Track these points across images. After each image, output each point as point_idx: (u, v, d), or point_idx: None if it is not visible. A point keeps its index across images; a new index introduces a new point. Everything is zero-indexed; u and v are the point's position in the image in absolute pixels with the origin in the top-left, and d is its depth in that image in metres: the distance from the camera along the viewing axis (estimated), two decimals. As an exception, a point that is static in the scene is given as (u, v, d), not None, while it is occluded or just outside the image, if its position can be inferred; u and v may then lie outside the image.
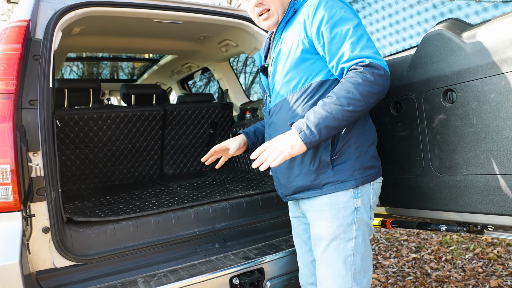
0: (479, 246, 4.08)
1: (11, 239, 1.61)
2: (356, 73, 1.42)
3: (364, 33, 1.49)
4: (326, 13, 1.51)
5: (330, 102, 1.42)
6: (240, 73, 5.19)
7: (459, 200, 1.63)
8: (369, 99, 1.41)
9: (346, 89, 1.41)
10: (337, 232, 1.57)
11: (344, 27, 1.48)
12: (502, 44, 1.41)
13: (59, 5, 2.06)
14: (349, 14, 1.52)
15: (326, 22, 1.50)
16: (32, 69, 1.83)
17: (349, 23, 1.48)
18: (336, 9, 1.51)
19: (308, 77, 1.57)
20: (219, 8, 2.78)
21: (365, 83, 1.39)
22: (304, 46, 1.57)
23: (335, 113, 1.40)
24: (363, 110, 1.43)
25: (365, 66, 1.41)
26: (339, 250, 1.57)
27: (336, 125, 1.42)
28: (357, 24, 1.50)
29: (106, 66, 5.57)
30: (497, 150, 1.46)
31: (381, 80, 1.42)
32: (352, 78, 1.41)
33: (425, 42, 1.69)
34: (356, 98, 1.40)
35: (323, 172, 1.57)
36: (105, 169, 3.48)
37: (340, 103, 1.40)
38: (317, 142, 1.43)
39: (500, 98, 1.43)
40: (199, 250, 2.19)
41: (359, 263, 1.58)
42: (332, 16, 1.50)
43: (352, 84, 1.40)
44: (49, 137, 1.82)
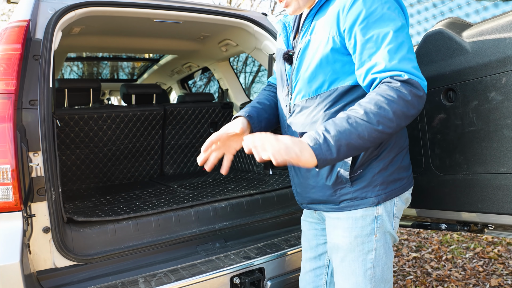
0: (480, 245, 4.08)
1: (12, 239, 1.61)
2: (390, 87, 1.18)
3: (406, 40, 1.24)
4: (364, 8, 1.25)
5: (356, 116, 1.17)
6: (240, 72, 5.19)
7: (459, 199, 1.63)
8: (401, 121, 1.18)
9: (377, 104, 1.16)
10: (355, 244, 1.41)
11: (383, 30, 1.23)
12: (502, 43, 1.41)
13: (59, 5, 2.06)
14: (393, 12, 1.25)
15: (362, 20, 1.25)
16: (32, 69, 1.83)
17: (391, 25, 1.23)
18: (378, 4, 1.25)
19: (335, 80, 1.36)
20: (219, 7, 2.78)
21: (400, 101, 1.16)
22: (334, 45, 1.32)
23: (361, 130, 1.15)
24: (391, 133, 1.20)
25: (402, 81, 1.18)
26: (358, 262, 1.42)
27: (359, 144, 1.17)
28: (400, 27, 1.24)
29: (106, 66, 5.58)
30: (497, 149, 1.46)
31: (418, 102, 1.19)
32: (385, 92, 1.17)
33: (425, 41, 1.69)
34: (388, 117, 1.16)
35: (340, 188, 1.40)
36: (106, 169, 3.48)
37: (368, 119, 1.16)
38: (332, 162, 1.17)
39: (501, 97, 1.43)
40: (200, 250, 2.19)
41: (380, 275, 1.42)
42: (371, 14, 1.24)
43: (385, 99, 1.16)
44: (50, 137, 1.82)
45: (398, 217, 1.47)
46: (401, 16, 1.29)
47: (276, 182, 2.84)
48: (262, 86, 5.02)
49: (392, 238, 1.47)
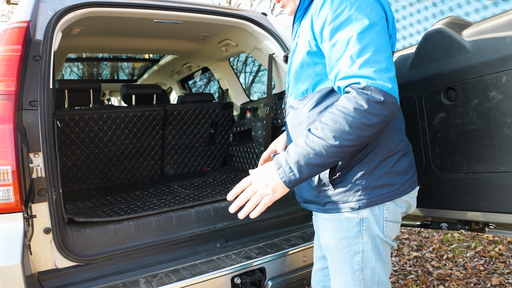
0: (481, 244, 4.08)
1: (13, 240, 1.62)
2: (347, 98, 1.16)
3: (373, 42, 1.17)
4: (330, 10, 1.22)
5: (313, 133, 1.18)
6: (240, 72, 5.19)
7: (460, 198, 1.63)
8: (362, 131, 1.15)
9: (333, 119, 1.16)
10: (341, 245, 1.40)
11: (347, 33, 1.19)
12: (502, 42, 1.41)
13: (59, 6, 2.06)
14: (360, 13, 1.20)
15: (329, 23, 1.23)
16: (32, 70, 1.83)
17: (356, 27, 1.18)
18: (346, 4, 1.21)
19: (318, 83, 1.36)
20: (219, 7, 2.78)
21: (356, 112, 1.13)
22: (310, 48, 1.33)
23: (318, 148, 1.17)
24: (356, 145, 1.17)
25: (360, 89, 1.14)
26: (345, 264, 1.41)
27: (321, 162, 1.18)
28: (367, 28, 1.18)
29: (106, 67, 5.58)
30: (498, 148, 1.46)
31: (379, 108, 1.13)
32: (342, 105, 1.16)
33: (425, 40, 1.69)
34: (345, 131, 1.14)
35: (323, 190, 1.40)
36: (106, 170, 3.49)
37: (324, 136, 1.16)
38: (300, 181, 1.22)
39: (501, 96, 1.42)
40: (201, 250, 2.19)
41: (370, 277, 1.40)
42: (337, 16, 1.21)
43: (341, 112, 1.15)
44: (50, 138, 1.82)
45: (393, 221, 1.40)
46: (373, 13, 1.21)
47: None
48: (262, 86, 5.02)
49: (383, 243, 1.41)
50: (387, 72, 1.17)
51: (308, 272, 2.19)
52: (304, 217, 2.56)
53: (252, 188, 1.26)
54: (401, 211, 1.43)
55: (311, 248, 2.19)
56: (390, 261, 1.49)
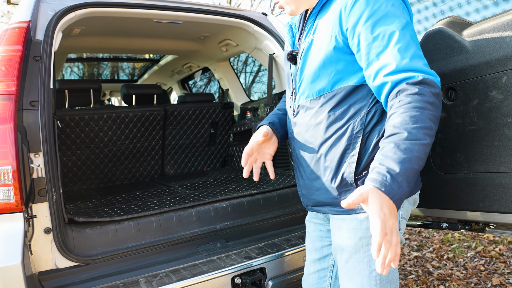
0: (481, 244, 4.08)
1: (13, 240, 1.62)
2: (411, 96, 1.13)
3: (414, 38, 1.20)
4: (368, 6, 1.22)
5: (403, 139, 1.09)
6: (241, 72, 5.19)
7: (460, 198, 1.63)
8: (436, 124, 1.14)
9: (413, 119, 1.10)
10: (360, 245, 1.37)
11: (389, 28, 1.19)
12: (503, 42, 1.41)
13: (59, 6, 2.06)
14: (397, 9, 1.22)
15: (366, 19, 1.22)
16: (32, 70, 1.83)
17: (396, 22, 1.19)
18: (382, 1, 1.22)
19: (338, 81, 1.34)
20: (219, 7, 2.78)
21: (429, 106, 1.11)
22: (337, 44, 1.30)
23: (417, 150, 1.08)
24: (434, 137, 1.13)
25: (418, 84, 1.13)
26: (363, 263, 1.38)
27: (420, 165, 1.10)
28: (406, 24, 1.20)
29: (107, 67, 5.58)
30: (498, 148, 1.46)
31: (439, 99, 1.14)
32: (411, 103, 1.12)
33: (425, 40, 1.69)
34: (428, 126, 1.11)
35: (345, 190, 1.36)
36: (106, 170, 3.49)
37: (416, 138, 1.09)
38: (406, 196, 1.10)
39: (501, 95, 1.42)
40: (201, 250, 2.19)
41: (385, 277, 1.38)
42: (375, 11, 1.21)
43: (416, 111, 1.11)
44: (50, 138, 1.82)
45: (405, 218, 1.42)
46: (405, 12, 1.25)
47: (277, 182, 2.84)
48: (262, 86, 5.03)
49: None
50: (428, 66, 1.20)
51: (309, 272, 2.18)
52: (304, 217, 2.55)
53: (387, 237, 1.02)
54: (411, 209, 1.45)
55: (312, 248, 2.19)
56: None
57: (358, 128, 1.32)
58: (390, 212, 1.04)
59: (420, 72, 1.15)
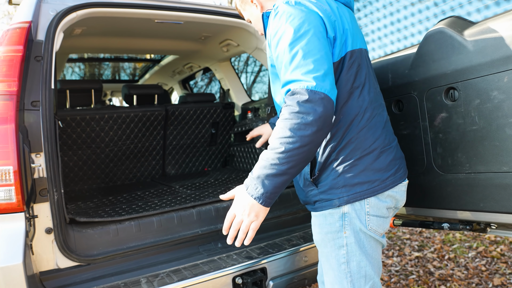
0: (482, 245, 4.07)
1: (15, 240, 1.62)
2: (284, 108, 1.26)
3: (300, 49, 1.28)
4: (272, 31, 1.39)
5: (268, 149, 1.29)
6: (242, 72, 5.19)
7: (461, 198, 1.63)
8: (302, 131, 1.21)
9: (276, 130, 1.26)
10: (326, 239, 1.51)
11: (281, 47, 1.33)
12: (504, 42, 1.41)
13: (61, 6, 2.06)
14: (291, 25, 1.32)
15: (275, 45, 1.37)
16: (34, 70, 1.84)
17: (286, 40, 1.31)
18: (280, 22, 1.35)
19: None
20: (220, 8, 2.78)
21: (291, 116, 1.22)
22: (272, 62, 1.48)
23: (271, 158, 1.24)
24: (304, 145, 1.22)
25: (290, 95, 1.25)
26: (332, 257, 1.52)
27: (278, 170, 1.24)
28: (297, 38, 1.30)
29: (108, 67, 5.59)
30: (499, 148, 1.46)
31: (309, 106, 1.21)
32: (282, 115, 1.26)
33: (426, 40, 1.68)
34: (286, 135, 1.22)
35: (310, 190, 1.51)
36: (107, 170, 3.49)
37: (272, 147, 1.26)
38: (271, 196, 1.28)
39: (502, 95, 1.42)
40: (202, 250, 2.19)
41: (356, 270, 1.48)
42: (275, 35, 1.37)
43: (281, 121, 1.25)
44: (52, 138, 1.82)
45: (377, 215, 1.46)
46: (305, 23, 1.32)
47: (278, 182, 2.84)
48: (263, 86, 5.03)
49: (369, 237, 1.47)
50: (314, 72, 1.25)
51: (310, 272, 2.19)
52: (305, 217, 2.55)
53: (237, 220, 1.35)
54: (385, 206, 1.48)
55: (313, 248, 2.19)
56: (378, 257, 1.54)
57: None
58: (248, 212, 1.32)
59: (294, 82, 1.26)
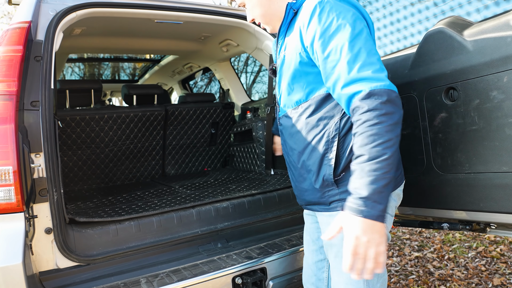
0: (482, 245, 4.07)
1: (14, 240, 1.62)
2: (364, 115, 1.21)
3: (364, 46, 1.27)
4: (320, 24, 1.32)
5: (365, 161, 1.20)
6: (241, 72, 5.19)
7: (461, 198, 1.63)
8: (394, 131, 1.21)
9: (371, 138, 1.20)
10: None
11: (339, 42, 1.28)
12: (503, 42, 1.41)
13: (60, 6, 2.06)
14: (347, 22, 1.30)
15: (320, 36, 1.32)
16: (33, 71, 1.84)
17: (346, 35, 1.28)
18: (333, 16, 1.31)
19: (311, 91, 1.45)
20: (220, 8, 2.78)
21: (381, 119, 1.19)
22: (302, 59, 1.42)
23: (380, 169, 1.18)
24: (398, 146, 1.23)
25: (366, 98, 1.21)
26: None
27: (388, 178, 1.20)
28: (357, 35, 1.28)
29: (107, 67, 5.59)
30: (499, 148, 1.46)
31: (390, 105, 1.21)
32: (366, 122, 1.21)
33: (426, 40, 1.68)
34: (386, 139, 1.19)
35: (327, 190, 1.47)
36: (107, 170, 3.49)
37: (376, 156, 1.19)
38: (384, 209, 1.20)
39: (502, 95, 1.42)
40: (202, 250, 2.19)
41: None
42: (327, 29, 1.31)
43: (372, 128, 1.20)
44: (51, 138, 1.82)
45: (390, 214, 1.50)
46: (358, 21, 1.32)
47: (278, 182, 2.84)
48: (263, 86, 5.03)
49: None
50: (382, 71, 1.25)
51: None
52: (305, 217, 2.55)
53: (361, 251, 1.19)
54: (395, 205, 1.53)
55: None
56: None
57: (333, 133, 1.42)
58: (364, 232, 1.17)
59: (367, 82, 1.22)
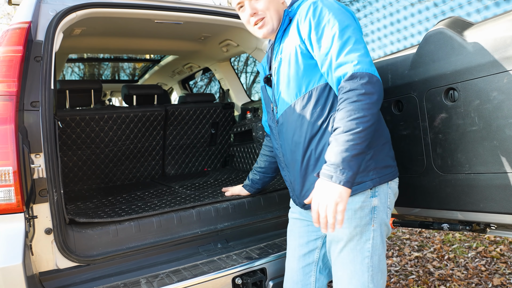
0: (482, 245, 4.08)
1: (14, 240, 1.62)
2: (346, 93, 1.37)
3: (352, 35, 1.44)
4: (314, 18, 1.49)
5: (340, 133, 1.35)
6: (241, 72, 5.19)
7: (461, 198, 1.63)
8: (372, 110, 1.35)
9: (346, 112, 1.35)
10: (354, 233, 1.53)
11: (331, 31, 1.45)
12: (503, 42, 1.41)
13: (60, 7, 2.06)
14: (338, 15, 1.48)
15: (314, 28, 1.49)
16: (33, 71, 1.84)
17: (336, 26, 1.45)
18: (324, 12, 1.48)
19: (310, 82, 1.55)
20: (220, 8, 2.78)
21: (360, 97, 1.34)
22: (301, 51, 1.55)
23: (351, 140, 1.33)
24: (373, 123, 1.37)
25: (350, 79, 1.37)
26: (356, 251, 1.54)
27: (360, 150, 1.34)
28: (345, 26, 1.45)
29: (107, 67, 5.59)
30: (499, 149, 1.46)
31: (372, 87, 1.36)
32: (347, 99, 1.36)
33: (426, 41, 1.68)
34: (360, 115, 1.33)
35: None
36: (107, 170, 3.49)
37: (347, 129, 1.33)
38: (354, 176, 1.34)
39: (502, 96, 1.42)
40: (202, 250, 2.19)
41: (377, 264, 1.54)
42: (320, 21, 1.48)
43: (349, 104, 1.35)
44: (51, 139, 1.82)
45: (391, 209, 1.61)
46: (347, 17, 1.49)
47: (278, 182, 2.84)
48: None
49: (387, 230, 1.60)
50: (366, 56, 1.41)
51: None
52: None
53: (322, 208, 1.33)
54: (394, 200, 1.63)
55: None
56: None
57: None
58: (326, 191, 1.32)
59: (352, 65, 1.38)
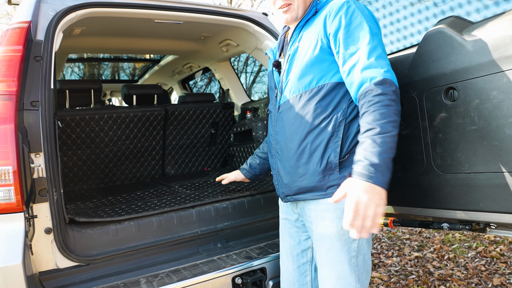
0: (482, 245, 4.08)
1: (14, 240, 1.62)
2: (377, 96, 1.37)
3: (379, 44, 1.47)
4: (346, 17, 1.50)
5: (377, 134, 1.33)
6: (241, 72, 5.19)
7: (461, 198, 1.63)
8: (398, 115, 1.38)
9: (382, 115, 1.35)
10: (342, 232, 1.55)
11: (362, 34, 1.47)
12: (503, 42, 1.41)
13: (60, 6, 2.06)
14: (369, 21, 1.50)
15: (345, 27, 1.49)
16: (33, 70, 1.84)
17: (368, 30, 1.47)
18: (357, 14, 1.50)
19: (323, 77, 1.56)
20: (220, 8, 2.78)
21: (392, 103, 1.36)
22: (322, 45, 1.55)
23: (389, 142, 1.33)
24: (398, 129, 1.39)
25: (380, 84, 1.38)
26: (343, 251, 1.56)
27: (394, 153, 1.34)
28: (375, 34, 1.48)
29: (107, 67, 5.59)
30: (499, 148, 1.46)
31: (396, 96, 1.39)
32: (379, 102, 1.37)
33: (426, 40, 1.68)
34: (394, 119, 1.35)
35: (329, 174, 1.55)
36: (107, 170, 3.49)
37: (387, 131, 1.33)
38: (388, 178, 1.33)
39: (502, 95, 1.42)
40: (201, 250, 2.19)
41: (362, 264, 1.57)
42: (352, 22, 1.50)
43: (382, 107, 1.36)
44: (51, 138, 1.82)
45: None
46: (377, 26, 1.53)
47: (278, 182, 2.84)
48: (263, 86, 5.02)
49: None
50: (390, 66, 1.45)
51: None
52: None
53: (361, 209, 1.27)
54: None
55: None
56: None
57: (340, 118, 1.54)
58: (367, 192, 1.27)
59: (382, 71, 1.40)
